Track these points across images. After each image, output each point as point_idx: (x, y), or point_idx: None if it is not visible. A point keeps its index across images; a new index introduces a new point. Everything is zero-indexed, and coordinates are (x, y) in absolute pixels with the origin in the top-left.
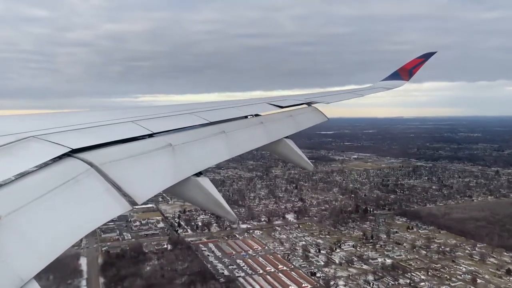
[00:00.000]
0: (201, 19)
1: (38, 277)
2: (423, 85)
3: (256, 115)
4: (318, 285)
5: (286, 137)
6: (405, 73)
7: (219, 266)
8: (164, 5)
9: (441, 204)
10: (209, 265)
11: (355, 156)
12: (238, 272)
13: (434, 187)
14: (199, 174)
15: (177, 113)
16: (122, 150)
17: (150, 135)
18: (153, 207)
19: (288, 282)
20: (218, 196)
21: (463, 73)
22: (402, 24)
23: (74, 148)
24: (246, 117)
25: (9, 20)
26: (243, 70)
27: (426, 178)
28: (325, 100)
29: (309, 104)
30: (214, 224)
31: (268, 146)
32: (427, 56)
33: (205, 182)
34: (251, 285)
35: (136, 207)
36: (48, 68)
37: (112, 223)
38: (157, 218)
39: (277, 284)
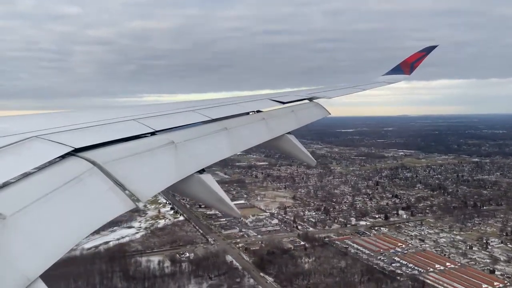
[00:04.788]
0: (231, 16)
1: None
2: (429, 83)
3: (258, 111)
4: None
5: (289, 133)
6: (407, 67)
7: (381, 264)
8: (197, 1)
9: None
10: (370, 263)
11: (402, 153)
12: (408, 270)
13: None
14: (202, 171)
15: (179, 111)
16: (125, 149)
17: (153, 133)
18: (246, 203)
19: (476, 281)
20: (222, 193)
21: (477, 70)
22: (433, 20)
23: (76, 147)
24: (248, 113)
25: (35, 18)
26: (258, 68)
27: (498, 173)
28: (327, 95)
29: (310, 99)
30: (328, 221)
31: (271, 142)
32: (428, 49)
33: (208, 179)
34: (441, 282)
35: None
36: (61, 68)
37: (224, 219)
38: (264, 214)
39: (467, 283)
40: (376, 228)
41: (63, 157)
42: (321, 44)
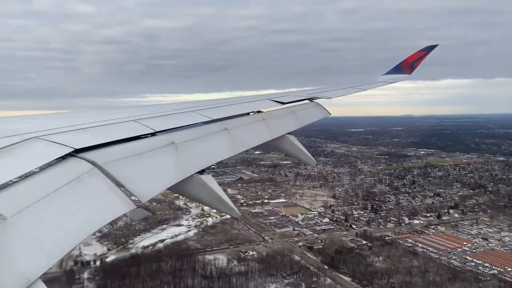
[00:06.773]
0: (244, 15)
1: None
2: (435, 83)
3: (258, 111)
4: None
5: (289, 133)
6: (407, 66)
7: (455, 263)
8: (212, 0)
9: None
10: (444, 262)
11: (423, 152)
12: (486, 270)
13: None
14: (202, 171)
15: (179, 111)
16: (125, 149)
17: (153, 134)
18: (287, 202)
19: None
20: (222, 194)
21: (485, 69)
22: (450, 18)
23: (77, 148)
24: (248, 113)
25: (49, 17)
26: (265, 67)
27: None
28: (327, 95)
29: (311, 99)
30: (380, 219)
31: (271, 143)
32: (428, 49)
33: (209, 180)
34: None
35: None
36: (69, 67)
37: (273, 218)
38: (311, 213)
39: None
40: (432, 226)
41: (63, 157)
42: (331, 43)
